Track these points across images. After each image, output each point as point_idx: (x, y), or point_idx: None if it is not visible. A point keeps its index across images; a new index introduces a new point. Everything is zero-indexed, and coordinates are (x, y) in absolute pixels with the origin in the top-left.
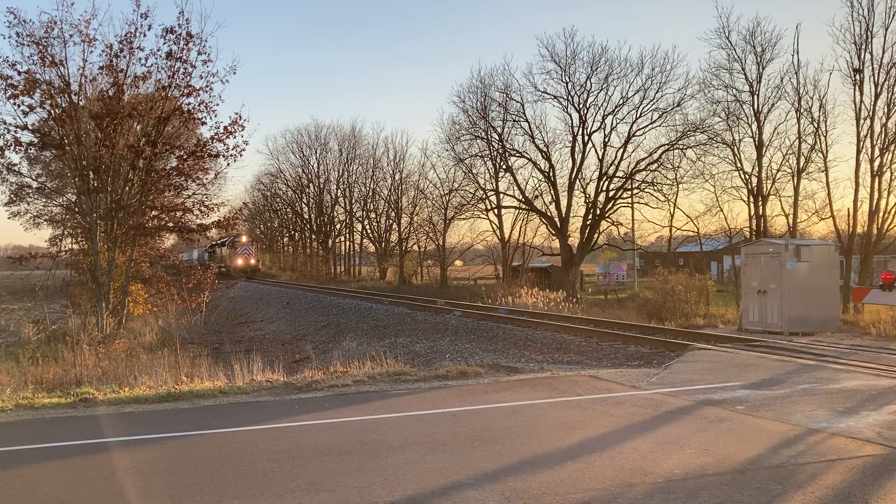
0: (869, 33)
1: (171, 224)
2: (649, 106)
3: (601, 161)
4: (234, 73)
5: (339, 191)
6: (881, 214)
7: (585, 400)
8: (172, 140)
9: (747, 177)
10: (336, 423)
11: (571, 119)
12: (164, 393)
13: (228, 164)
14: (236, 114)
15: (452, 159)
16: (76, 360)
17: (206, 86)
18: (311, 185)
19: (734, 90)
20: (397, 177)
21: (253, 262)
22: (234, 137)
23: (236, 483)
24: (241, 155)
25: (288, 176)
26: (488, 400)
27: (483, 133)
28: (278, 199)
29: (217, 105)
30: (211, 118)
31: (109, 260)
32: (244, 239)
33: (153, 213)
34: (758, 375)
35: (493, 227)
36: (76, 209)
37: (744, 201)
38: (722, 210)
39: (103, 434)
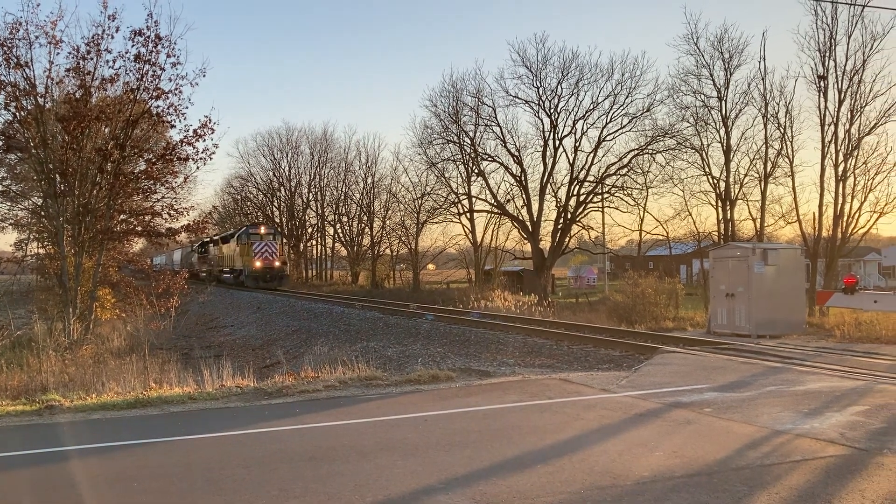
0: (832, 41)
1: (139, 228)
2: (619, 111)
3: (572, 165)
4: (204, 76)
5: (310, 194)
6: (845, 219)
7: (556, 403)
8: (141, 143)
9: (715, 181)
10: (307, 429)
11: (543, 124)
12: (133, 399)
13: (198, 168)
14: (206, 117)
15: (425, 163)
16: (42, 367)
17: (176, 89)
18: (282, 188)
19: (702, 96)
20: (369, 180)
21: (278, 264)
22: (204, 140)
23: (206, 490)
24: (210, 158)
25: (259, 179)
26: (460, 404)
27: (455, 137)
28: (249, 203)
29: (186, 108)
30: (180, 121)
31: (77, 264)
32: (263, 230)
33: (121, 216)
34: (725, 378)
35: (465, 231)
36: (42, 213)
37: (712, 205)
38: (691, 214)
39: (69, 442)
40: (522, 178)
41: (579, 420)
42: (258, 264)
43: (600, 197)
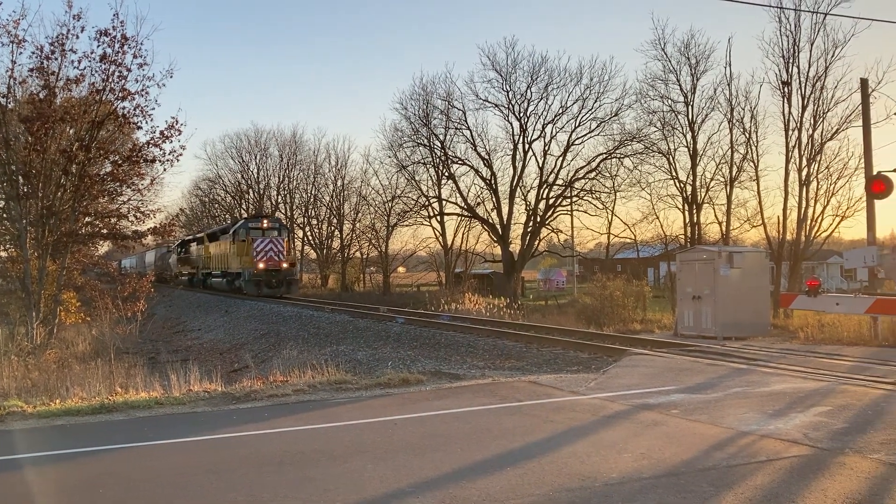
0: (796, 48)
1: (105, 231)
2: (588, 115)
3: (541, 169)
4: (171, 77)
5: (279, 197)
6: (809, 222)
7: (526, 406)
8: (107, 145)
9: (682, 185)
10: (276, 434)
11: (512, 127)
12: (98, 405)
13: (165, 170)
14: (173, 118)
15: (395, 166)
16: (4, 372)
17: (142, 90)
18: (250, 190)
19: (669, 100)
20: (339, 183)
21: (286, 265)
22: (171, 142)
23: (173, 496)
24: (177, 160)
25: (227, 181)
26: (430, 407)
27: (425, 140)
28: (217, 206)
29: (153, 109)
30: (147, 122)
31: (40, 268)
32: (266, 223)
33: (86, 219)
34: (692, 379)
35: (435, 234)
36: (4, 215)
37: (679, 209)
38: (658, 217)
39: (33, 448)
40: (492, 182)
41: (549, 422)
42: (261, 266)
43: (569, 200)
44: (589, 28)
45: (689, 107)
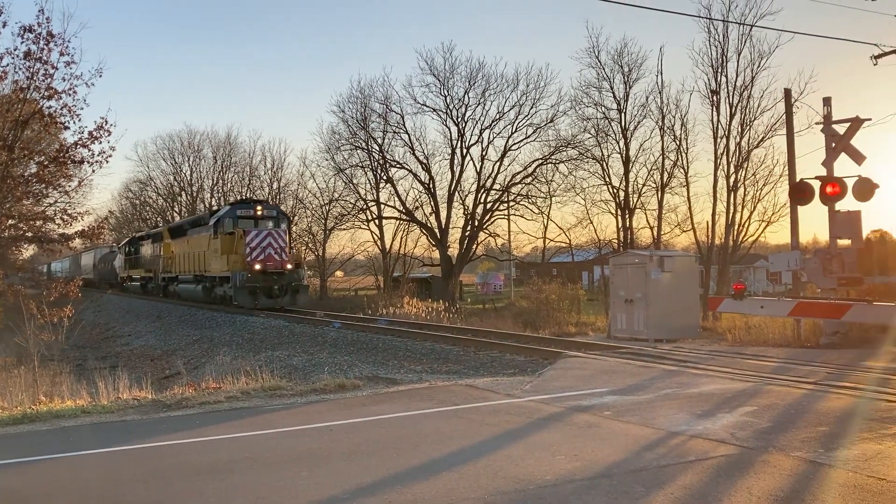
0: (724, 58)
1: (29, 234)
2: (524, 121)
3: (479, 174)
4: (101, 76)
5: (213, 199)
6: (736, 227)
7: (462, 409)
8: (32, 145)
9: (615, 190)
10: (207, 442)
11: (450, 132)
12: (20, 414)
13: (94, 171)
14: (102, 118)
15: (332, 169)
16: None
17: (70, 89)
18: (183, 193)
19: (603, 108)
20: (275, 186)
21: (290, 266)
22: (100, 143)
23: None
24: (107, 161)
25: (159, 184)
26: (366, 412)
27: (363, 143)
28: (148, 208)
29: (82, 109)
30: (75, 122)
31: None
32: (261, 211)
33: (10, 222)
34: (624, 381)
35: (374, 238)
36: None
37: (612, 214)
38: (592, 222)
39: None
40: (431, 186)
41: (485, 426)
42: (257, 268)
43: (506, 205)
44: (526, 35)
45: (622, 114)
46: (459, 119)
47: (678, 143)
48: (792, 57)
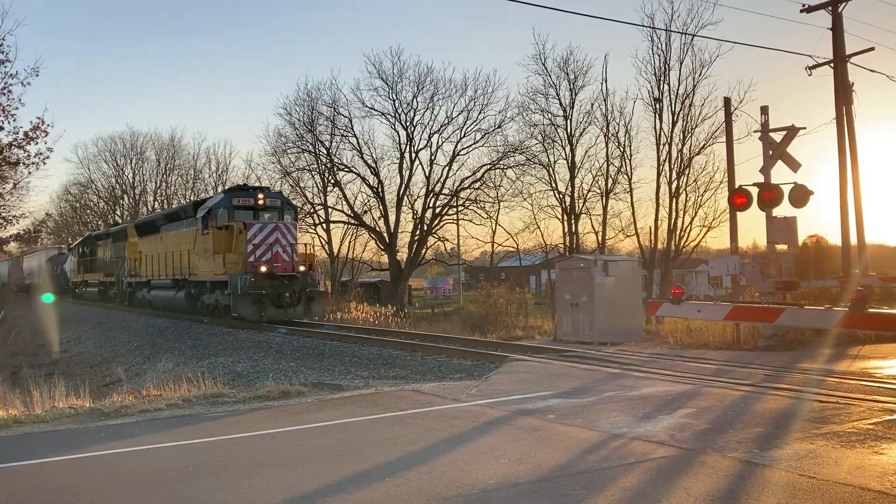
0: (667, 66)
1: None
2: (472, 126)
3: (428, 178)
4: (37, 76)
5: (156, 202)
6: (678, 232)
7: (408, 415)
8: None
9: (562, 196)
10: (146, 451)
11: (399, 136)
12: None
13: (30, 173)
14: (39, 118)
15: (279, 172)
16: None
17: (4, 88)
18: (125, 196)
19: (550, 114)
20: (220, 189)
21: (302, 268)
22: (37, 144)
23: None
24: (44, 163)
25: (100, 186)
26: (311, 419)
27: (311, 147)
28: (89, 211)
29: (17, 109)
30: (10, 123)
31: None
32: (262, 200)
33: None
34: (569, 384)
35: (321, 242)
36: None
37: (559, 219)
38: (539, 227)
39: None
40: (379, 190)
41: (430, 431)
42: (263, 270)
43: (455, 209)
44: (474, 41)
45: (568, 120)
46: (408, 123)
47: (622, 149)
48: (732, 67)
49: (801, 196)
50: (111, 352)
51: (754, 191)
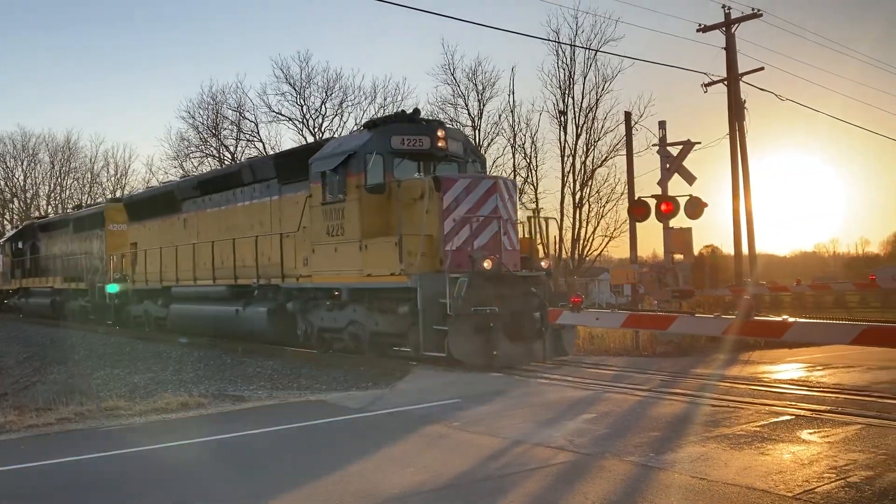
0: (571, 80)
1: None
2: None
3: None
4: None
5: (49, 207)
6: (582, 241)
7: (312, 425)
8: None
9: None
10: (32, 468)
11: (307, 142)
12: None
13: None
14: None
15: (181, 177)
16: None
17: None
18: (15, 199)
19: (458, 124)
20: (119, 194)
21: (544, 264)
22: None
23: None
24: None
25: None
26: (211, 432)
27: (215, 151)
28: None
29: None
30: None
31: None
32: (441, 139)
33: None
34: (474, 391)
35: None
36: None
37: None
38: None
39: None
40: None
41: (335, 441)
42: (487, 267)
43: None
44: (383, 49)
45: (477, 131)
46: (316, 129)
47: (528, 160)
48: (634, 82)
49: (696, 208)
50: None
51: (652, 202)
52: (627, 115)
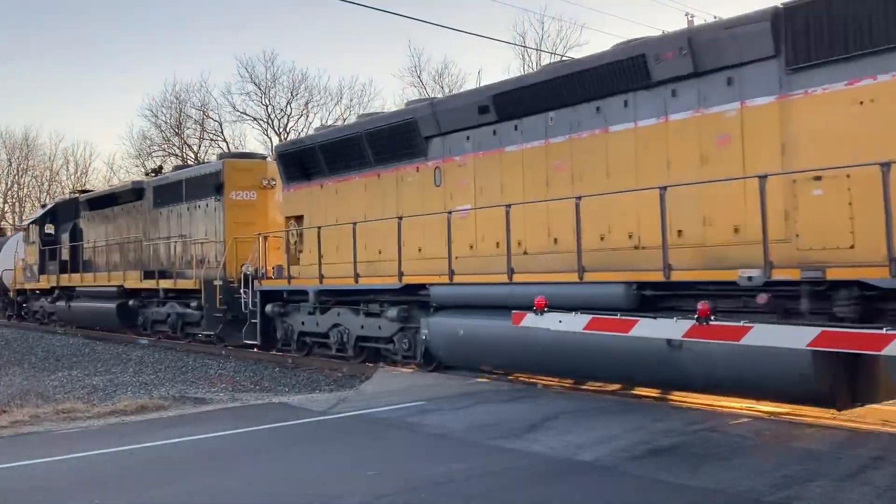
0: None
1: None
2: None
3: None
4: None
5: (6, 205)
6: None
7: (272, 428)
8: None
9: None
10: None
11: (272, 142)
12: None
13: None
14: None
15: (143, 176)
16: None
17: None
18: None
19: None
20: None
21: None
22: None
23: None
24: None
25: None
26: (171, 434)
27: (178, 150)
28: None
29: None
30: None
31: None
32: None
33: None
34: (439, 393)
35: None
36: None
37: None
38: None
39: None
40: None
41: (296, 444)
42: None
43: None
44: (350, 50)
45: None
46: (281, 129)
47: None
48: None
49: None
50: None
51: None
52: None
